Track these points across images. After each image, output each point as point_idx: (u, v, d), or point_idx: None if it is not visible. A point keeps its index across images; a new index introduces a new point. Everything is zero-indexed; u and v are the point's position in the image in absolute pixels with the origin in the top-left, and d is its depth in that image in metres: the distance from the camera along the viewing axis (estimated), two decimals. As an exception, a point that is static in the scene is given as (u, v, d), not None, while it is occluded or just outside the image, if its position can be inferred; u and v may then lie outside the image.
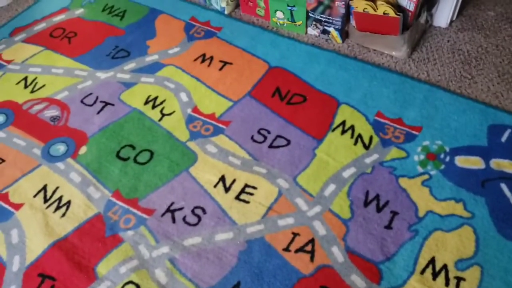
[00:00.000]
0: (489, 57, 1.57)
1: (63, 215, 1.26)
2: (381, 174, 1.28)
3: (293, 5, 1.65)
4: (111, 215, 1.25)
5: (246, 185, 1.29)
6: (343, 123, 1.41)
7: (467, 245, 1.14)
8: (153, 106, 1.51)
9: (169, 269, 1.15)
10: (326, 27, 1.65)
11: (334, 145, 1.36)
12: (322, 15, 1.62)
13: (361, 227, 1.18)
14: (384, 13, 1.48)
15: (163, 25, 1.80)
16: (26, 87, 1.62)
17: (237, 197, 1.27)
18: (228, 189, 1.29)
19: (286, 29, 1.74)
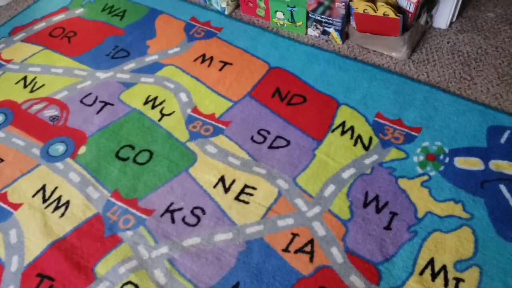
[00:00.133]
0: (488, 58, 1.58)
1: (62, 215, 1.26)
2: (380, 175, 1.28)
3: (293, 5, 1.65)
4: (110, 215, 1.25)
5: (246, 186, 1.29)
6: (342, 124, 1.41)
7: (466, 246, 1.14)
8: (152, 106, 1.51)
9: (168, 269, 1.14)
10: (326, 28, 1.65)
11: (333, 146, 1.36)
12: (322, 16, 1.62)
13: (360, 228, 1.18)
14: (384, 14, 1.48)
15: (163, 25, 1.80)
16: (25, 86, 1.62)
17: (236, 198, 1.27)
18: (227, 189, 1.29)
19: (286, 29, 1.74)
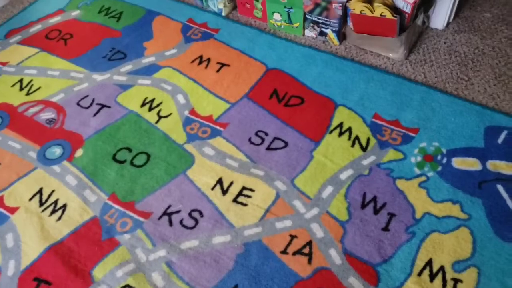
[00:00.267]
0: (485, 58, 1.58)
1: (59, 218, 1.26)
2: (378, 176, 1.28)
3: (290, 7, 1.65)
4: (107, 219, 1.25)
5: (244, 188, 1.28)
6: (340, 125, 1.41)
7: (464, 246, 1.14)
8: (149, 108, 1.51)
9: (166, 272, 1.14)
10: (323, 29, 1.65)
11: (331, 147, 1.35)
12: (319, 17, 1.62)
13: (358, 229, 1.18)
14: (381, 15, 1.48)
15: (160, 26, 1.79)
16: (21, 89, 1.61)
17: (234, 200, 1.26)
18: (225, 191, 1.28)
19: (284, 31, 1.74)
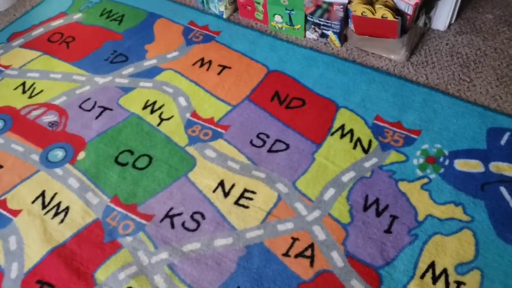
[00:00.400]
0: (487, 60, 1.57)
1: (62, 221, 1.26)
2: (380, 178, 1.28)
3: (291, 9, 1.65)
4: (109, 221, 1.25)
5: (245, 190, 1.28)
6: (342, 127, 1.41)
7: (467, 249, 1.13)
8: (151, 111, 1.51)
9: (168, 275, 1.14)
10: (324, 31, 1.65)
11: (333, 149, 1.35)
12: (321, 19, 1.62)
13: (360, 232, 1.18)
14: (382, 16, 1.47)
15: (161, 29, 1.80)
16: (24, 92, 1.62)
17: (236, 202, 1.26)
18: (227, 194, 1.28)
19: (285, 33, 1.74)
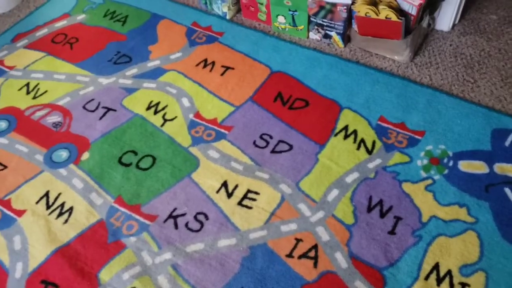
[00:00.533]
0: (491, 61, 1.57)
1: (66, 221, 1.26)
2: (384, 179, 1.28)
3: (294, 9, 1.65)
4: (113, 221, 1.25)
5: (249, 191, 1.28)
6: (345, 127, 1.41)
7: (471, 250, 1.13)
8: (155, 112, 1.51)
9: (171, 275, 1.14)
10: (328, 32, 1.65)
11: (336, 150, 1.35)
12: (324, 20, 1.62)
13: (364, 233, 1.18)
14: (386, 17, 1.47)
15: (165, 30, 1.80)
16: (28, 93, 1.62)
17: (239, 203, 1.26)
18: (230, 194, 1.28)
19: (288, 33, 1.74)
